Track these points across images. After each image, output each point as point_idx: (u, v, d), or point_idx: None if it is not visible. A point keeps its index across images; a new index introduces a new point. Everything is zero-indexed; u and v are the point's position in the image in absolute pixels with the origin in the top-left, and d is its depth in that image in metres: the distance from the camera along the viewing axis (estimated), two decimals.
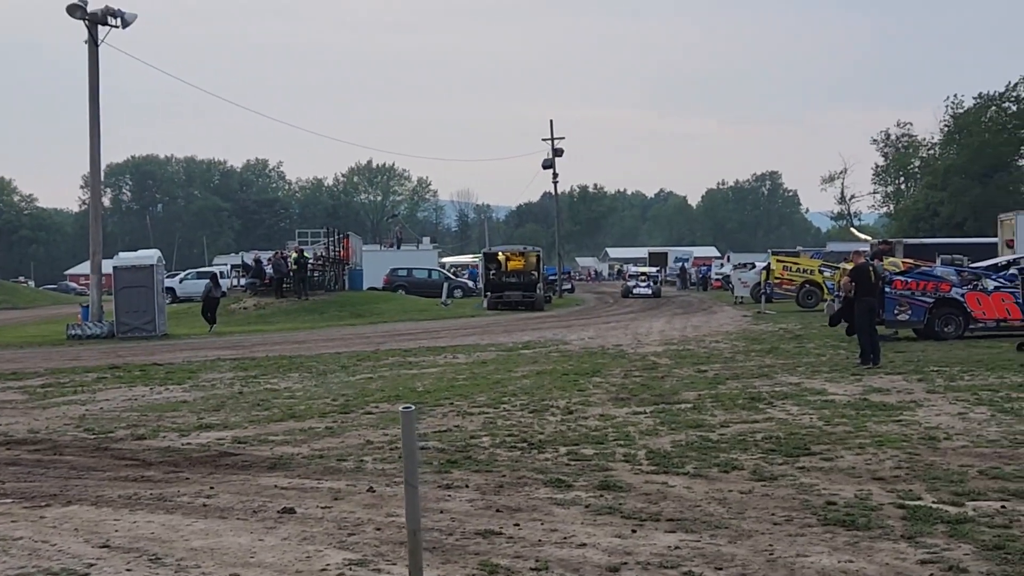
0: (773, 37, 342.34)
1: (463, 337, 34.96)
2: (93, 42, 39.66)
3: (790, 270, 50.46)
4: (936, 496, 10.00)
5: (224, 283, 60.39)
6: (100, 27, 39.50)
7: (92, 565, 8.56)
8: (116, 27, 39.59)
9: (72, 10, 38.84)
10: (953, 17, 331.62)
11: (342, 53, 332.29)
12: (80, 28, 39.66)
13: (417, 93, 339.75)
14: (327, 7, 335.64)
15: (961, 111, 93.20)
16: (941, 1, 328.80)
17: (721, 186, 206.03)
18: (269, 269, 54.47)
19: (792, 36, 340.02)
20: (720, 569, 7.93)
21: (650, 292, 68.03)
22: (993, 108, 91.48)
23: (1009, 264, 30.67)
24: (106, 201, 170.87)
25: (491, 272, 57.68)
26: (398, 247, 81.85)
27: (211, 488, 11.42)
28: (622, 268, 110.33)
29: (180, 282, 68.31)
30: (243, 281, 58.24)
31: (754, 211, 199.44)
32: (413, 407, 6.96)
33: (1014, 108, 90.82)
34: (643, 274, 73.97)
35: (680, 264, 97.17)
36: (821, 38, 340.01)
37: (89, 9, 39.08)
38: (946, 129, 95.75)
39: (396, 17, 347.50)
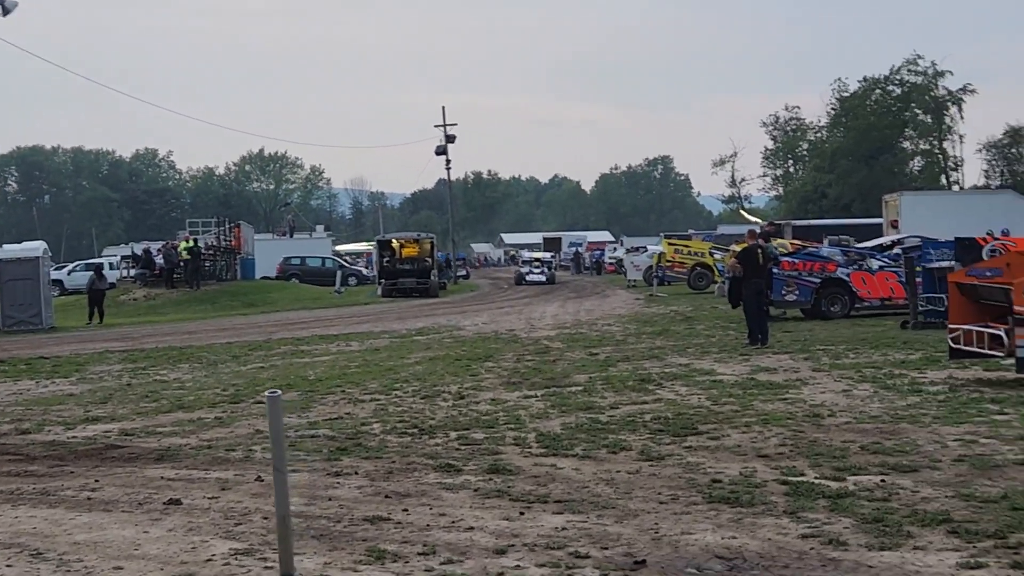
0: (664, 21, 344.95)
1: (356, 325, 34.84)
2: None
3: (681, 253, 51.01)
4: (818, 472, 10.18)
5: (114, 274, 59.46)
6: None
7: None
8: None
9: None
10: (839, 2, 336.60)
11: (232, 41, 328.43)
12: None
13: (310, 81, 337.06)
14: None
15: (847, 94, 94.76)
16: None
17: (614, 171, 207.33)
18: (159, 259, 53.73)
19: (683, 21, 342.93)
20: (606, 548, 7.99)
21: (544, 279, 65.24)
22: (878, 91, 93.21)
23: (893, 244, 31.32)
24: None
25: (385, 259, 57.53)
26: (291, 235, 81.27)
27: (96, 481, 11.24)
28: (515, 254, 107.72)
29: (68, 274, 67.12)
30: (133, 272, 57.32)
31: (647, 195, 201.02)
32: (279, 392, 6.92)
33: (898, 91, 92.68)
34: (536, 260, 71.20)
35: (574, 249, 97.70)
36: (711, 22, 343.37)
37: None
38: (833, 112, 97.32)
39: (285, 4, 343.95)
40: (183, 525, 9.23)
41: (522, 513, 9.15)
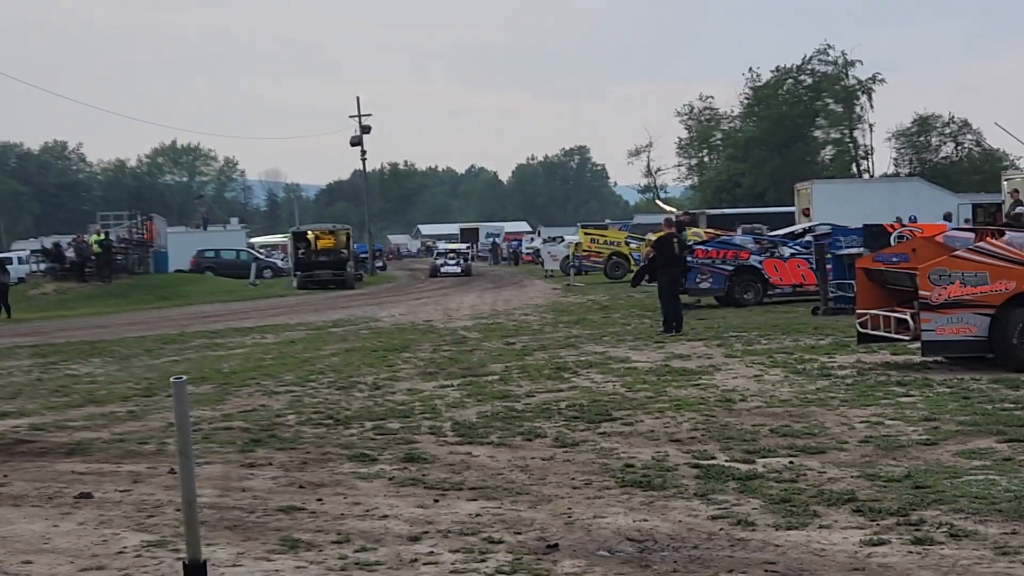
0: (579, 11, 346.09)
1: (272, 317, 34.64)
2: None
3: (597, 243, 51.28)
4: (729, 455, 10.33)
5: (23, 269, 58.61)
6: None
7: None
8: None
9: None
10: None
11: (144, 31, 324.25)
12: None
13: (223, 71, 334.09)
14: None
15: (759, 84, 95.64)
16: None
17: (531, 161, 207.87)
18: (70, 253, 53.01)
19: (597, 9, 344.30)
20: (519, 533, 8.05)
21: (459, 270, 64.35)
22: (790, 81, 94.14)
23: (805, 232, 31.72)
24: None
25: (300, 251, 57.25)
26: (205, 228, 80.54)
27: (4, 476, 11.09)
28: (431, 245, 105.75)
29: None
30: (43, 267, 56.52)
31: (564, 185, 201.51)
32: (184, 378, 6.86)
33: (809, 80, 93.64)
34: (452, 251, 70.44)
35: (492, 240, 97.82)
36: (626, 11, 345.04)
37: None
38: (746, 102, 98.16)
39: None
40: (94, 518, 9.15)
41: (436, 500, 9.19)
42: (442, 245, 79.74)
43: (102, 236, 52.64)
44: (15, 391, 18.35)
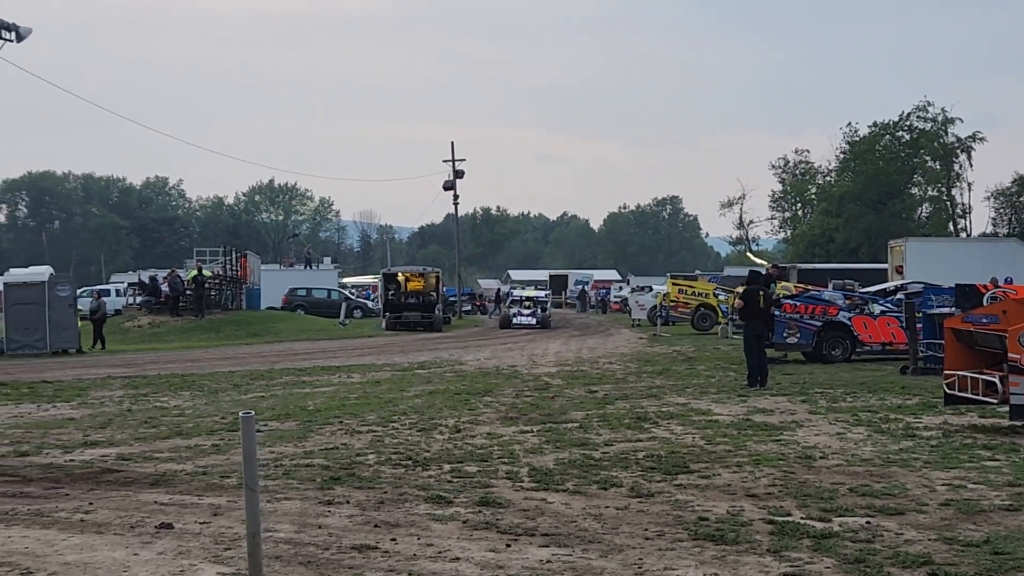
0: (675, 61, 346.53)
1: (359, 357, 34.93)
2: None
3: (686, 293, 51.11)
4: (805, 512, 10.27)
5: (120, 301, 59.70)
6: None
7: None
8: (11, 40, 39.05)
9: None
10: (849, 46, 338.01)
11: (245, 72, 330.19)
12: None
13: (321, 112, 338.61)
14: (225, 24, 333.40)
15: (856, 139, 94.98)
16: (838, 29, 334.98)
17: (623, 210, 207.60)
18: (165, 287, 53.91)
19: (693, 60, 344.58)
20: None
21: (534, 321, 56.03)
22: (887, 136, 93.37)
23: (896, 289, 31.41)
24: (1, 217, 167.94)
25: (390, 292, 57.70)
26: (308, 267, 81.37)
27: (90, 504, 11.35)
28: (500, 290, 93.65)
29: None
30: (139, 299, 57.54)
31: (655, 235, 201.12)
32: (253, 413, 7.04)
33: (907, 137, 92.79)
34: (528, 299, 60.75)
35: (580, 287, 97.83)
36: (722, 63, 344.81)
37: None
38: (842, 156, 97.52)
39: (295, 36, 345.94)
40: (173, 549, 9.33)
41: (509, 545, 9.25)
42: (517, 292, 67.52)
43: (197, 271, 53.49)
44: (106, 421, 18.73)
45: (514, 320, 56.57)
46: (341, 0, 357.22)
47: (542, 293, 65.41)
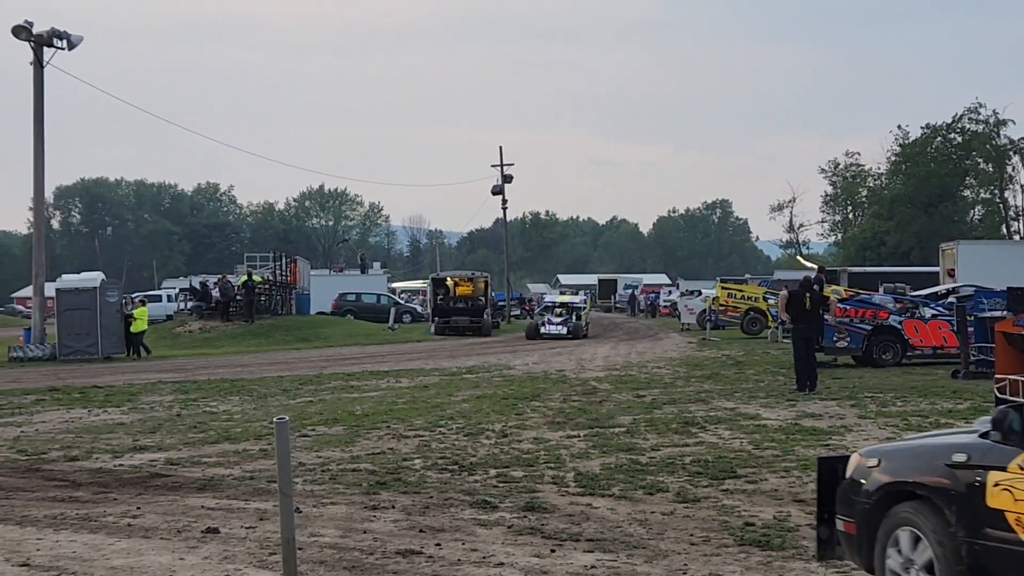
0: (724, 64, 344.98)
1: (408, 361, 35.00)
2: (38, 64, 39.56)
3: (735, 297, 50.83)
4: None
5: (171, 306, 60.15)
6: (46, 49, 39.40)
7: None
8: (62, 49, 39.52)
9: (17, 31, 38.75)
10: (900, 48, 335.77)
11: (293, 77, 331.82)
12: (26, 49, 39.54)
13: (368, 118, 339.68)
14: (273, 31, 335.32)
15: (908, 141, 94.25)
16: (888, 32, 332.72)
17: (672, 213, 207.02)
18: (216, 293, 54.25)
19: (742, 63, 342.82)
20: None
21: (565, 331, 49.35)
22: (939, 139, 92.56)
23: (948, 293, 31.08)
24: (55, 223, 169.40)
25: (439, 297, 57.77)
26: (362, 271, 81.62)
27: (138, 508, 11.44)
28: (530, 298, 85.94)
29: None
30: (190, 304, 57.95)
31: (705, 239, 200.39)
32: (287, 418, 7.07)
33: (959, 139, 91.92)
34: (561, 306, 53.34)
35: (630, 291, 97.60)
36: (771, 66, 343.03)
37: (35, 31, 38.97)
38: (893, 159, 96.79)
39: (344, 41, 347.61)
40: (219, 553, 9.38)
41: (553, 551, 9.23)
42: (548, 297, 60.71)
43: (247, 277, 53.79)
44: (155, 425, 18.88)
45: (542, 329, 49.68)
46: (392, 6, 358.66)
47: (578, 298, 58.07)
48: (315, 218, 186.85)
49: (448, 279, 60.68)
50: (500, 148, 78.18)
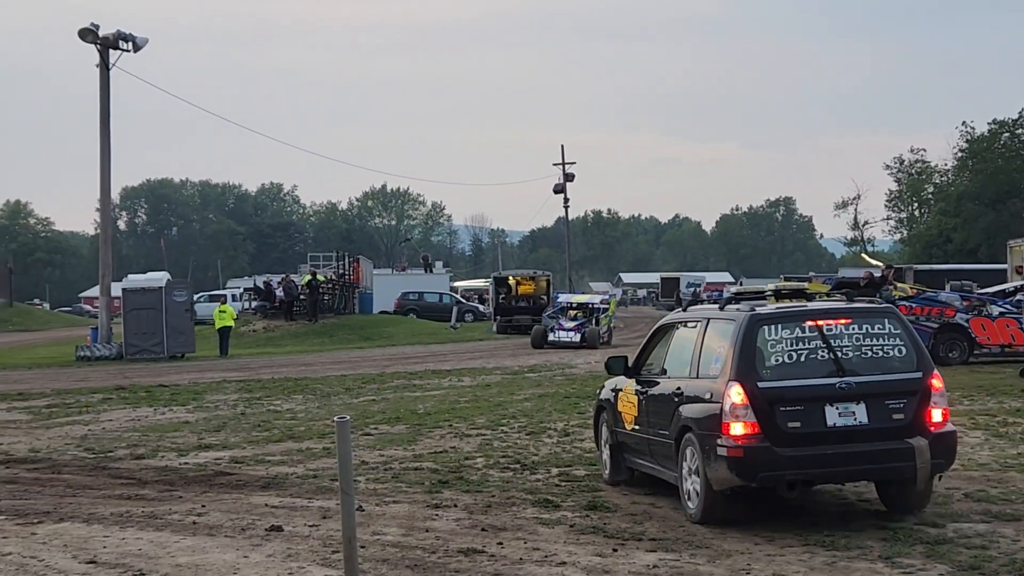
0: (790, 61, 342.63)
1: (470, 360, 35.04)
2: (104, 66, 40.02)
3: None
4: (919, 518, 10.06)
5: (236, 306, 60.66)
6: (112, 51, 39.84)
7: None
8: (127, 51, 39.94)
9: (84, 34, 39.20)
10: (967, 43, 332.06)
11: (355, 77, 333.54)
12: (92, 52, 40.02)
13: (431, 118, 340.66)
14: (337, 32, 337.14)
15: (974, 137, 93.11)
16: (954, 27, 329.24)
17: (736, 211, 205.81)
18: (279, 292, 54.61)
19: (805, 61, 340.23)
20: None
21: (578, 339, 40.74)
22: (1006, 134, 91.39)
23: (1016, 290, 30.65)
24: (121, 224, 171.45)
25: (501, 296, 57.77)
26: (427, 270, 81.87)
27: (203, 506, 11.53)
28: (542, 298, 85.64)
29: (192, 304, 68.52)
30: (254, 304, 58.37)
31: (768, 237, 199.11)
32: (348, 417, 7.10)
33: None
34: (577, 307, 44.30)
35: (692, 289, 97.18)
36: (834, 63, 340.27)
37: (101, 33, 39.41)
38: (960, 155, 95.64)
39: (407, 41, 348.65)
40: (282, 551, 9.44)
41: (615, 550, 9.20)
42: (562, 297, 49.50)
43: (311, 276, 54.08)
44: (220, 424, 19.04)
45: (550, 336, 41.54)
46: (454, 5, 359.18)
47: (598, 299, 47.94)
48: (378, 217, 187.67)
49: (510, 278, 60.66)
50: (562, 147, 78.22)
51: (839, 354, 10.27)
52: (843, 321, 10.56)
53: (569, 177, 78.65)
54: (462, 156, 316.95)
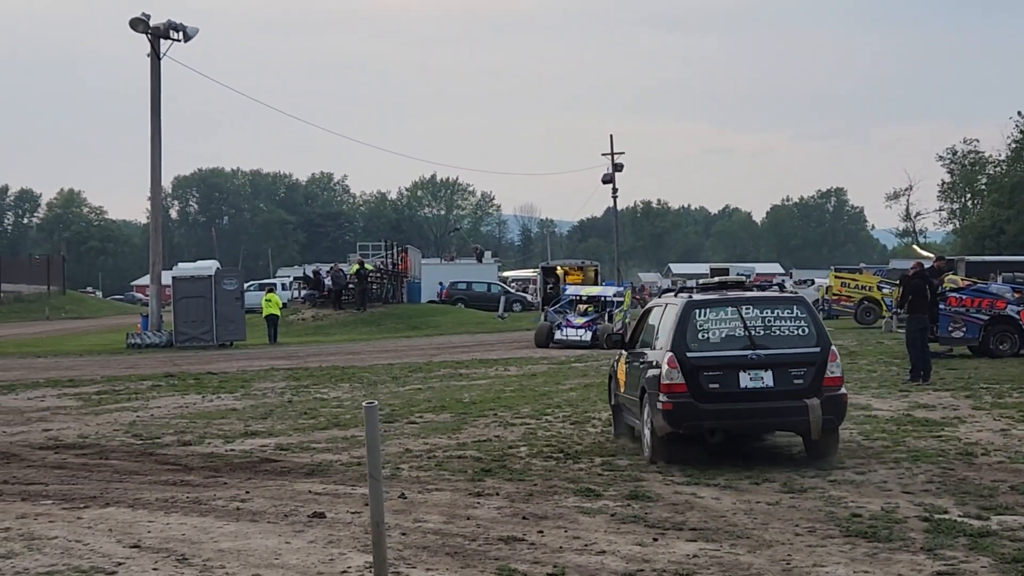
0: (839, 52, 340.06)
1: (517, 350, 35.05)
2: (155, 55, 40.31)
3: (848, 287, 50.06)
4: (963, 510, 9.99)
5: (285, 295, 60.97)
6: (163, 41, 40.13)
7: (120, 564, 8.78)
8: (179, 41, 40.21)
9: (135, 24, 39.49)
10: (1020, 32, 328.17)
11: (406, 67, 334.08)
12: (143, 42, 40.31)
13: (481, 107, 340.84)
14: (388, 21, 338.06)
15: None
16: (1008, 16, 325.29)
17: (786, 202, 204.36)
18: (328, 281, 54.84)
19: (858, 51, 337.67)
20: None
21: (589, 337, 35.38)
22: None
23: None
24: (173, 213, 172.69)
25: (549, 286, 57.73)
26: (480, 260, 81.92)
27: (247, 492, 11.62)
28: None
29: (242, 293, 68.97)
30: (303, 293, 58.69)
31: (819, 228, 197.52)
32: (376, 402, 7.15)
33: None
34: (587, 301, 38.87)
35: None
36: (887, 53, 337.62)
37: (152, 23, 39.68)
38: (1013, 145, 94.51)
39: (455, 31, 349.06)
40: (324, 538, 9.50)
41: (656, 539, 9.19)
42: (570, 290, 43.06)
43: (359, 266, 54.27)
44: (267, 411, 19.17)
45: (556, 334, 36.26)
46: None
47: (611, 291, 41.36)
48: (427, 207, 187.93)
49: (558, 268, 60.57)
50: (611, 136, 78.17)
51: (752, 332, 12.98)
52: (758, 307, 13.28)
53: (618, 167, 78.47)
54: (512, 146, 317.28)
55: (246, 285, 50.96)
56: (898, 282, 24.40)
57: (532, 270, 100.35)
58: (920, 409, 17.45)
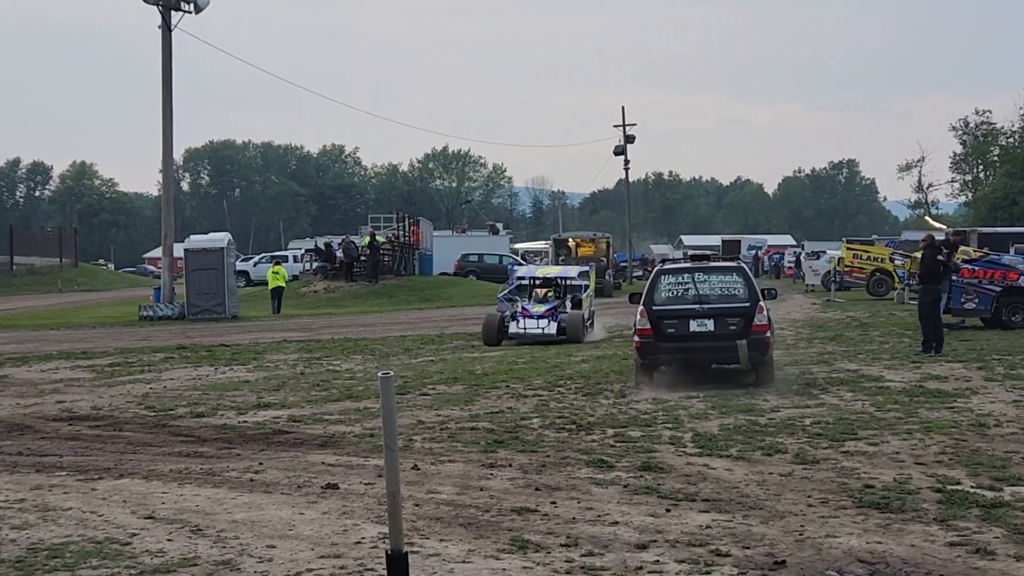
0: (852, 22, 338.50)
1: None
2: (166, 27, 40.26)
3: (860, 258, 49.97)
4: (975, 481, 9.99)
5: (296, 267, 61.01)
6: (173, 13, 40.07)
7: (135, 535, 8.82)
8: (190, 12, 40.15)
9: None
10: None
11: (416, 39, 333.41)
12: (154, 13, 40.24)
13: (491, 79, 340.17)
14: None
15: None
16: None
17: (798, 173, 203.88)
18: (340, 254, 54.85)
19: (871, 22, 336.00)
20: (748, 548, 8.00)
21: (553, 331, 27.65)
22: None
23: None
24: (185, 186, 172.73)
25: (561, 257, 57.74)
26: (494, 233, 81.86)
27: (260, 464, 11.66)
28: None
29: (254, 266, 69.06)
30: (315, 265, 58.72)
31: (831, 199, 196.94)
32: (392, 373, 7.14)
33: None
34: (545, 283, 30.08)
35: (754, 252, 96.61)
36: (900, 24, 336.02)
37: None
38: None
39: (466, 3, 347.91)
40: (337, 509, 9.53)
41: (668, 510, 9.21)
42: (526, 269, 34.24)
43: (371, 238, 54.25)
44: (279, 383, 19.22)
45: (510, 328, 28.02)
46: None
47: (575, 271, 31.88)
48: (439, 179, 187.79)
49: (570, 240, 60.69)
50: (622, 108, 78.05)
51: (700, 291, 17.72)
52: (707, 273, 18.04)
53: (630, 139, 78.34)
54: (523, 118, 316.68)
55: (259, 257, 50.93)
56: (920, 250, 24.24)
57: (544, 242, 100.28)
58: (932, 380, 17.43)
